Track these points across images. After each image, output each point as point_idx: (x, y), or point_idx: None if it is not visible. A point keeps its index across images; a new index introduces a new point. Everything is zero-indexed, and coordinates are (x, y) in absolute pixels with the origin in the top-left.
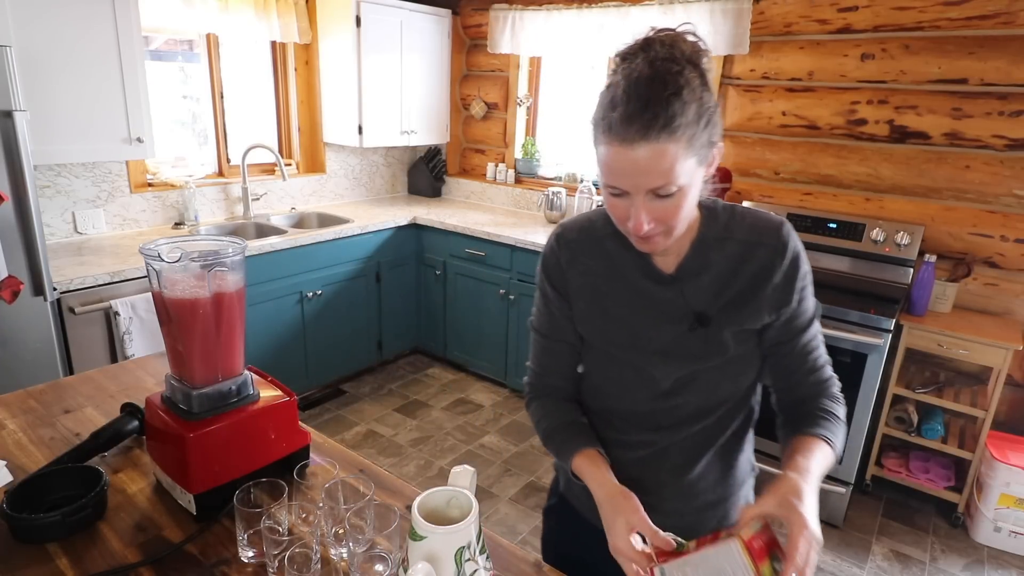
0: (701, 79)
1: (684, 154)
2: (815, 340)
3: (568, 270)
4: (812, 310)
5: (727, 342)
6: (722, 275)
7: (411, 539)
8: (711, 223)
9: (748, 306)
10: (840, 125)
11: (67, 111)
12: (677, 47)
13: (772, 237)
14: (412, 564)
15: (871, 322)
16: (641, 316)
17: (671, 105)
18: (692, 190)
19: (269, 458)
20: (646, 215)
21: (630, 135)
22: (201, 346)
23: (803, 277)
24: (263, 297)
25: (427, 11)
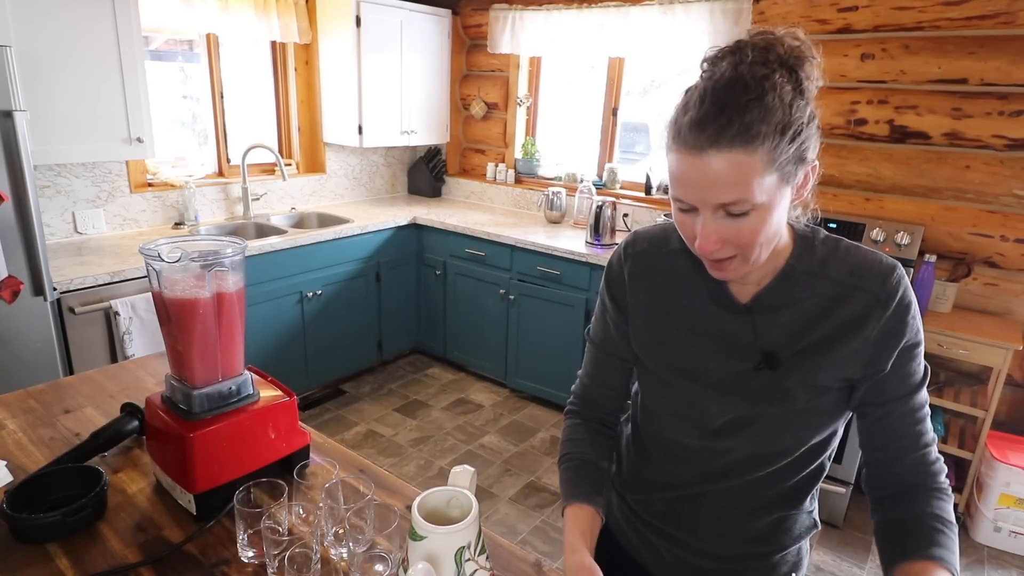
0: (795, 86)
1: (763, 168)
2: (920, 411)
3: (631, 283)
4: (918, 376)
5: (794, 391)
6: (805, 316)
7: (411, 539)
8: (804, 255)
9: (828, 357)
10: (840, 125)
11: (67, 111)
12: (773, 50)
13: (876, 283)
14: (412, 564)
15: None
16: (702, 344)
17: (750, 111)
18: (773, 212)
19: (269, 458)
20: (715, 234)
21: (700, 142)
22: (201, 346)
23: (908, 336)
24: (263, 297)
25: (427, 11)
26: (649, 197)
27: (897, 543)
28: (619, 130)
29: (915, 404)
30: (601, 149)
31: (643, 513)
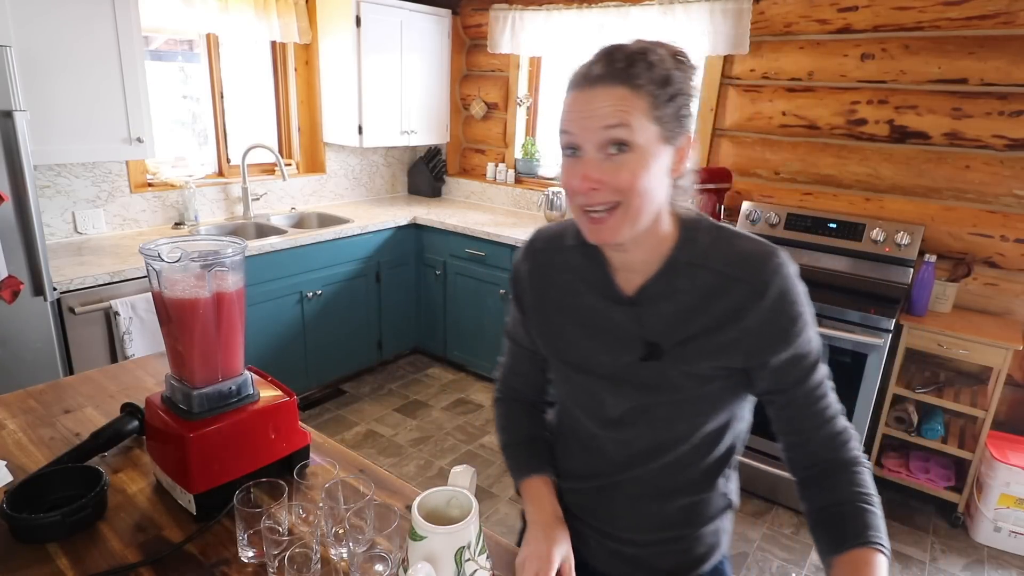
0: (679, 66)
1: (645, 112)
2: (820, 389)
3: (530, 280)
4: (812, 357)
5: (679, 381)
6: (686, 307)
7: (411, 539)
8: (687, 245)
9: (709, 347)
10: (840, 125)
11: (67, 111)
12: (659, 43)
13: (753, 273)
14: (412, 564)
15: (871, 322)
16: (595, 338)
17: (636, 63)
18: (652, 163)
19: (269, 458)
20: (596, 171)
21: (590, 80)
22: (201, 346)
23: (790, 322)
24: (263, 297)
25: (427, 11)
26: None
27: (830, 534)
28: None
29: (814, 383)
30: None
31: (569, 503)
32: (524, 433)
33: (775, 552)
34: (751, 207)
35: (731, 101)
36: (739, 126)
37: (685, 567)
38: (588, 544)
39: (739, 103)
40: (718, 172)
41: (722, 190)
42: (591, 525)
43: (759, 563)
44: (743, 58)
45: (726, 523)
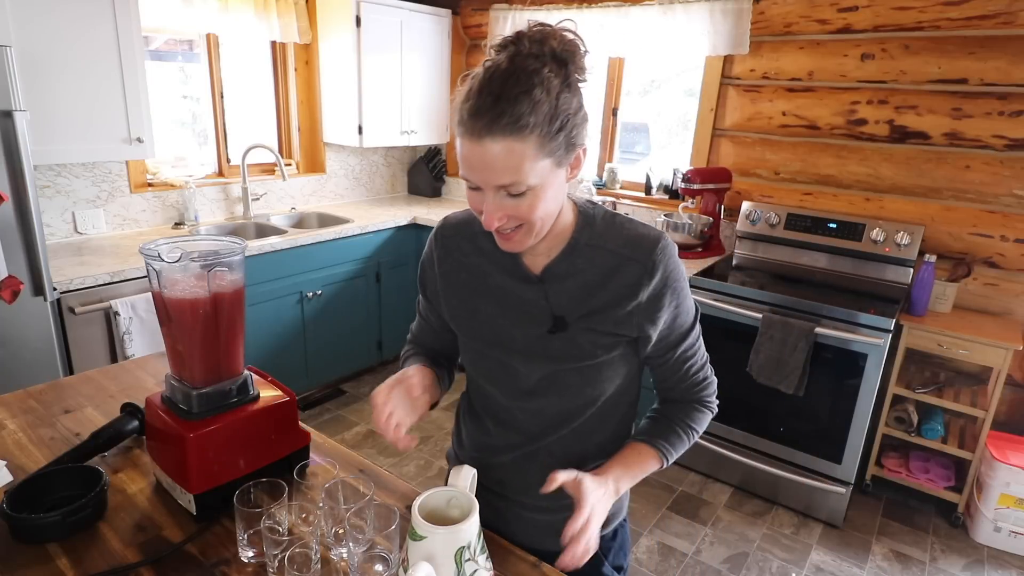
0: (564, 80)
1: (535, 154)
2: (690, 350)
3: (440, 266)
4: (687, 323)
5: (585, 349)
6: (588, 283)
7: (411, 539)
8: (586, 229)
9: (608, 319)
10: (840, 125)
11: (67, 111)
12: (547, 43)
13: (644, 255)
14: (412, 564)
15: (871, 322)
16: (506, 315)
17: (520, 103)
18: (548, 191)
19: (269, 458)
20: (498, 211)
21: (478, 129)
22: (201, 346)
23: (673, 297)
24: (263, 297)
25: (427, 11)
26: (649, 197)
27: (640, 427)
28: (619, 130)
29: (686, 347)
30: (601, 149)
31: (486, 479)
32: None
33: (775, 552)
34: (751, 207)
35: (731, 101)
36: (739, 126)
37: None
38: (504, 517)
39: (739, 103)
40: (718, 172)
41: (722, 190)
42: (508, 498)
43: (759, 563)
44: (743, 58)
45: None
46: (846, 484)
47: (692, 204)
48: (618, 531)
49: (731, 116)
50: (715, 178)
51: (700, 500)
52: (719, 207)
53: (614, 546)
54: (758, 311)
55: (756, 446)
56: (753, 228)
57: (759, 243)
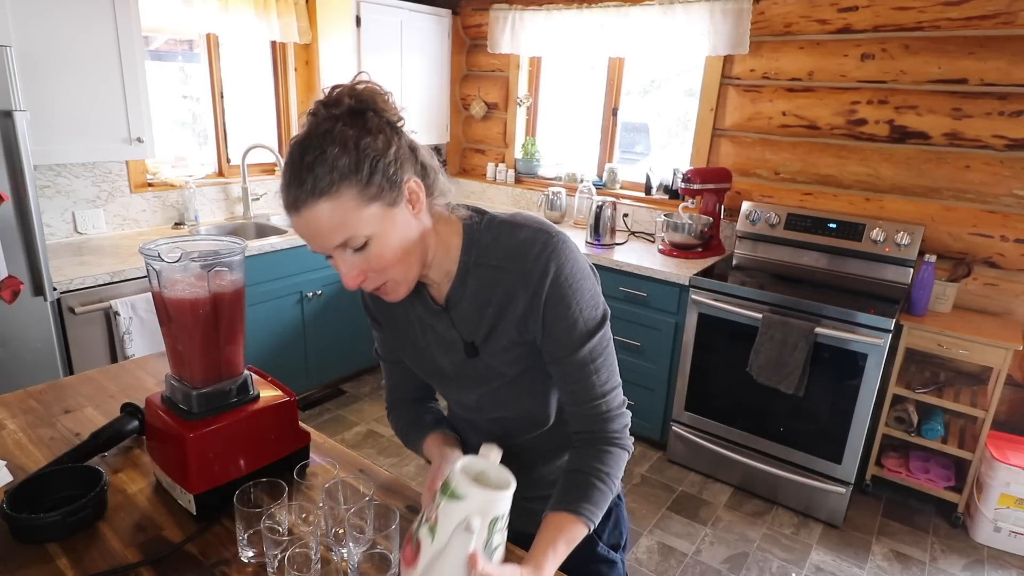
0: (361, 127)
1: (355, 205)
2: (590, 366)
3: (374, 304)
4: (577, 334)
5: (500, 368)
6: (480, 304)
7: (446, 498)
8: (472, 248)
9: (504, 334)
10: (840, 125)
11: (67, 111)
12: (340, 103)
13: (520, 262)
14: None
15: (871, 322)
16: (430, 345)
17: (316, 167)
18: (392, 234)
19: (269, 458)
20: (354, 269)
21: (292, 203)
22: (201, 346)
23: (555, 302)
24: (263, 297)
25: (427, 11)
26: (649, 197)
27: (557, 493)
28: (619, 130)
29: (578, 359)
30: (601, 149)
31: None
32: (413, 418)
33: (775, 552)
34: (751, 207)
35: (731, 101)
36: (739, 126)
37: None
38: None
39: (739, 103)
40: (718, 172)
41: (722, 190)
42: None
43: (759, 563)
44: (743, 58)
45: None
46: (846, 484)
47: (692, 204)
48: (611, 509)
49: (731, 116)
50: (715, 178)
51: (700, 500)
52: (719, 207)
53: (608, 525)
54: (758, 311)
55: (756, 446)
56: (753, 228)
57: (759, 243)
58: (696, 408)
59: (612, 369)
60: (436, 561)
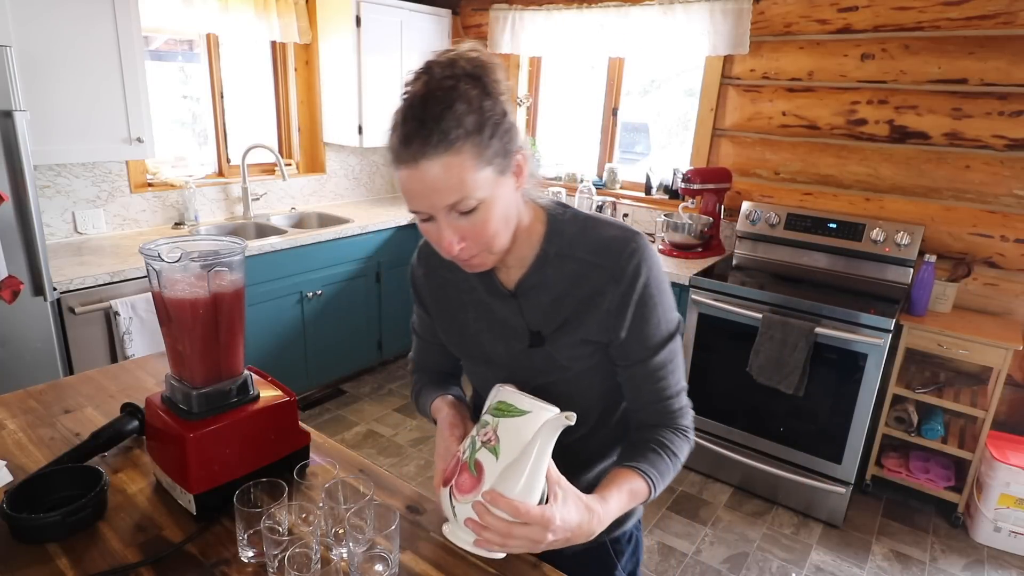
0: (482, 90)
1: (473, 165)
2: (664, 369)
3: (426, 283)
4: (657, 339)
5: (563, 362)
6: (558, 295)
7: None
8: (555, 238)
9: (580, 329)
10: (840, 125)
11: (67, 111)
12: (456, 65)
13: (611, 259)
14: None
15: (871, 322)
16: (488, 330)
17: (444, 119)
18: (498, 203)
19: (269, 458)
20: (454, 235)
21: (411, 155)
22: (201, 346)
23: (641, 304)
24: (263, 297)
25: (427, 11)
26: (649, 197)
27: (622, 455)
28: (619, 130)
29: (655, 364)
30: (601, 149)
31: None
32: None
33: (775, 552)
34: (751, 207)
35: (731, 101)
36: (739, 126)
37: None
38: None
39: (739, 103)
40: (718, 172)
41: (722, 190)
42: None
43: (759, 563)
44: (743, 58)
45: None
46: (846, 484)
47: (692, 204)
48: (633, 533)
49: (731, 116)
50: (715, 178)
51: (700, 500)
52: (719, 207)
53: (628, 549)
54: (758, 311)
55: (756, 446)
56: (753, 228)
57: (759, 243)
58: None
59: (681, 372)
60: (507, 477)
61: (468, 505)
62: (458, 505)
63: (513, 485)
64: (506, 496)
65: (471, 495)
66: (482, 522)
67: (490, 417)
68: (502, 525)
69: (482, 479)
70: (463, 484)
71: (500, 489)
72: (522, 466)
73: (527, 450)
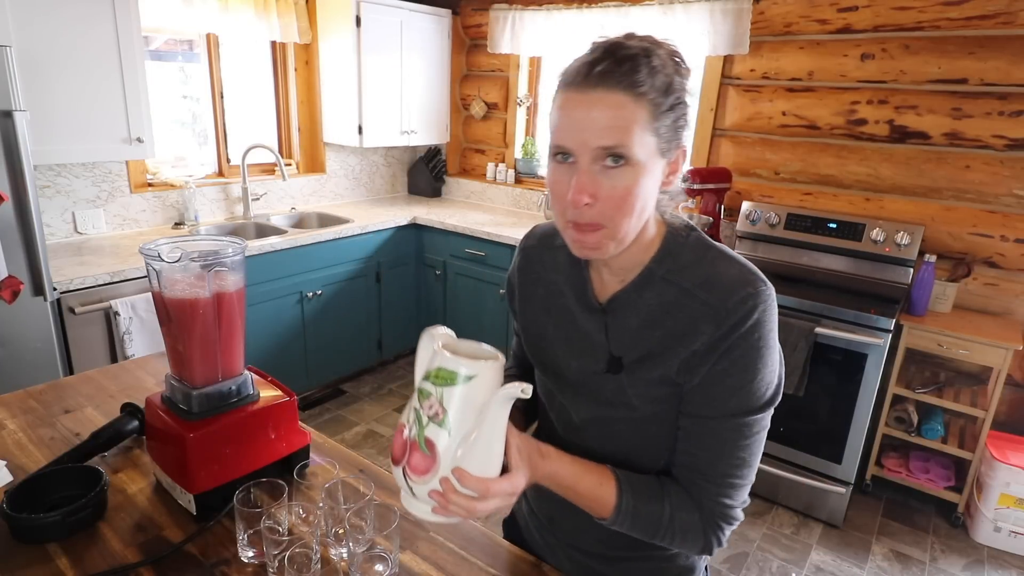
0: (677, 68)
1: (645, 121)
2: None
3: (520, 277)
4: (729, 406)
5: (633, 400)
6: (649, 322)
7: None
8: (666, 259)
9: (660, 366)
10: (840, 125)
11: (67, 111)
12: (658, 42)
13: (720, 298)
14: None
15: (871, 322)
16: (567, 341)
17: (638, 64)
18: (646, 179)
19: (269, 458)
20: (589, 185)
21: (590, 80)
22: (201, 346)
23: (736, 357)
24: (263, 297)
25: (427, 11)
26: None
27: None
28: None
29: (723, 427)
30: None
31: (539, 512)
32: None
33: (775, 552)
34: (751, 207)
35: (731, 101)
36: (739, 126)
37: None
38: (557, 555)
39: (739, 103)
40: (718, 172)
41: (722, 190)
42: (558, 537)
43: (759, 563)
44: (743, 58)
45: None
46: (846, 484)
47: (692, 204)
48: None
49: (731, 116)
50: (715, 178)
51: None
52: (719, 207)
53: None
54: None
55: None
56: (753, 228)
57: (759, 243)
58: None
59: (751, 462)
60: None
61: (425, 486)
62: (416, 485)
63: (473, 460)
64: (473, 475)
65: (429, 476)
66: (449, 500)
67: (431, 386)
68: (469, 502)
69: (436, 458)
70: (417, 465)
71: (462, 465)
72: (482, 440)
73: (483, 424)
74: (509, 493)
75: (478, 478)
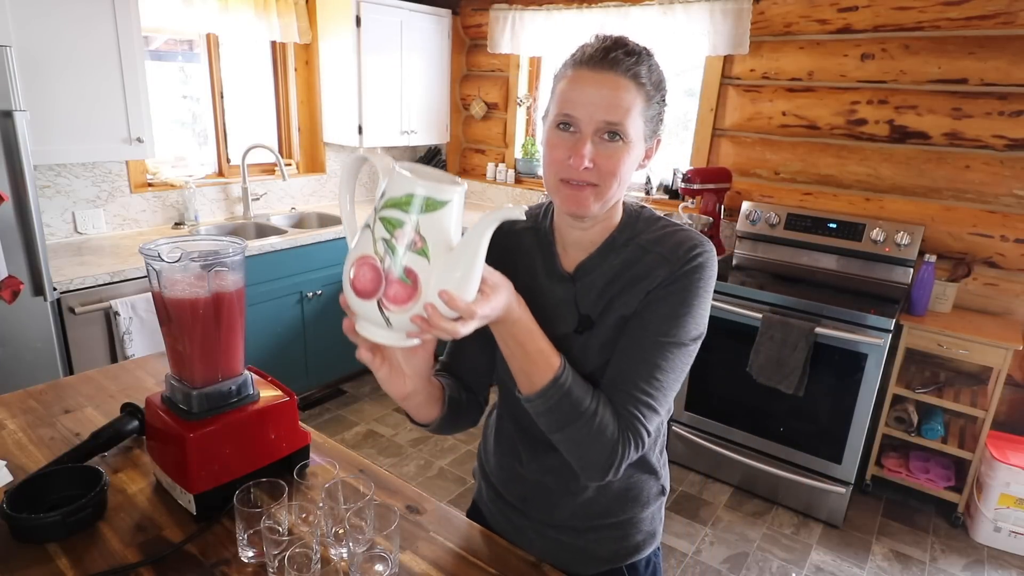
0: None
1: (639, 108)
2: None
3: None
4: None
5: (599, 353)
6: (611, 278)
7: (428, 213)
8: (626, 229)
9: (621, 306)
10: (840, 125)
11: (67, 111)
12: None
13: (672, 250)
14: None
15: (871, 322)
16: (541, 312)
17: (640, 60)
18: (632, 153)
19: (269, 458)
20: (591, 154)
21: (604, 63)
22: (201, 346)
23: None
24: (263, 297)
25: (427, 11)
26: (649, 197)
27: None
28: None
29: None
30: None
31: (508, 496)
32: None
33: (775, 552)
34: (751, 207)
35: (731, 101)
36: (739, 126)
37: (623, 554)
38: (527, 535)
39: (739, 103)
40: (718, 172)
41: (722, 190)
42: (531, 516)
43: (759, 563)
44: (743, 58)
45: (660, 510)
46: (846, 484)
47: (692, 204)
48: (651, 559)
49: (731, 116)
50: (715, 178)
51: (700, 500)
52: (719, 207)
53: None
54: (758, 311)
55: (756, 446)
56: (753, 228)
57: (759, 243)
58: (696, 408)
59: (665, 387)
60: (448, 278)
61: (406, 314)
62: (393, 315)
63: (457, 284)
64: (460, 298)
65: (410, 304)
66: (433, 324)
67: (402, 214)
68: (453, 324)
69: (418, 287)
70: (397, 295)
71: (447, 289)
72: (463, 264)
73: (467, 247)
74: (489, 314)
75: (467, 304)
